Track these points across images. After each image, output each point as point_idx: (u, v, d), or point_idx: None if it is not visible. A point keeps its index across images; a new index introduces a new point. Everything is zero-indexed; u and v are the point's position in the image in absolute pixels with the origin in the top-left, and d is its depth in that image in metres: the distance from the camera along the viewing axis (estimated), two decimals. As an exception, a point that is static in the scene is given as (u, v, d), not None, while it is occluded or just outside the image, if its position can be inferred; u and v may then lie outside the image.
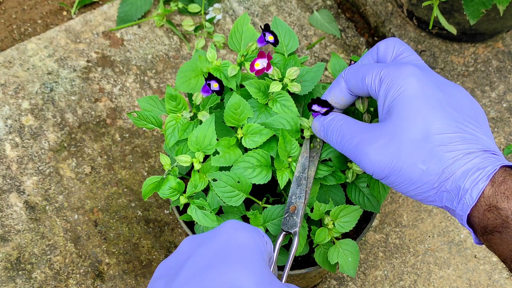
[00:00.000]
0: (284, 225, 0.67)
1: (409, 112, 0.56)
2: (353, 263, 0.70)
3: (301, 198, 0.68)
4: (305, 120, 0.69)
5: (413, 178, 0.56)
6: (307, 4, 1.16)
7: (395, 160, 0.56)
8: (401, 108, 0.56)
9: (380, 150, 0.57)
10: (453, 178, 0.55)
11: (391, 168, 0.56)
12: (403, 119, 0.56)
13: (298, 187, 0.68)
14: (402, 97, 0.56)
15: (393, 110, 0.57)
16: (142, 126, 0.72)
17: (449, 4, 0.98)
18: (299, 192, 0.68)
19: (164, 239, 0.96)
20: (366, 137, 0.58)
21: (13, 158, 1.00)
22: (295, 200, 0.68)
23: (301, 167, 0.69)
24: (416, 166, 0.55)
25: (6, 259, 0.93)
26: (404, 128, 0.56)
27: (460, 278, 0.95)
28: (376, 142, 0.57)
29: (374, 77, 0.59)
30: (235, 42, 0.73)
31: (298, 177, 0.68)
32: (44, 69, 1.07)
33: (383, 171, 0.57)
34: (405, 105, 0.56)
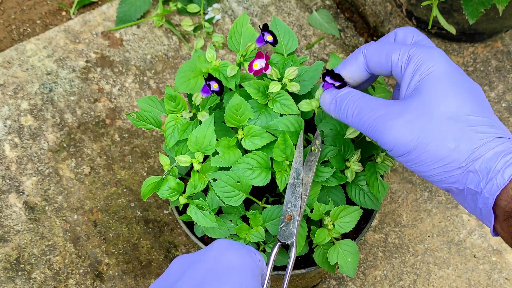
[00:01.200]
0: (280, 235, 0.65)
1: (440, 90, 0.56)
2: (352, 263, 0.70)
3: (297, 206, 0.65)
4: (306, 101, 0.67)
5: (440, 155, 0.55)
6: (306, 4, 1.16)
7: (422, 136, 0.55)
8: (432, 86, 0.56)
9: (406, 124, 0.55)
10: (483, 159, 0.54)
11: (416, 143, 0.55)
12: (433, 96, 0.55)
13: (293, 195, 0.66)
14: (434, 75, 0.56)
15: (422, 87, 0.56)
16: (141, 126, 0.72)
17: (448, 4, 0.98)
18: (294, 200, 0.66)
19: (163, 239, 0.96)
20: (389, 111, 0.57)
21: (13, 159, 1.00)
22: (290, 209, 0.65)
23: (295, 173, 0.66)
24: (445, 143, 0.54)
25: (5, 259, 0.93)
26: (435, 105, 0.55)
27: (460, 278, 0.95)
28: (402, 116, 0.56)
29: (402, 54, 0.58)
30: (234, 42, 0.73)
31: (292, 184, 0.66)
32: (43, 70, 1.07)
33: (406, 146, 0.56)
34: (437, 84, 0.56)
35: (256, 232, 0.69)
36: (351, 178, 0.70)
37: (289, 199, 0.66)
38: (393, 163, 0.72)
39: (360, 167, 0.70)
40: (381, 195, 0.72)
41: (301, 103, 0.68)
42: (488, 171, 0.54)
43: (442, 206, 1.00)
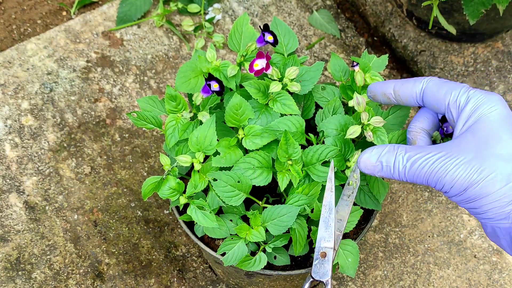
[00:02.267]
0: (315, 272, 0.65)
1: (497, 132, 0.58)
2: (353, 263, 0.70)
3: (331, 243, 0.65)
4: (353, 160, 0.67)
5: (494, 191, 0.57)
6: (306, 4, 1.16)
7: (478, 173, 0.57)
8: (489, 128, 0.58)
9: (463, 164, 0.57)
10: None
11: (472, 181, 0.57)
12: (490, 137, 0.58)
13: (326, 230, 0.65)
14: (491, 117, 0.58)
15: (478, 128, 0.59)
16: (141, 126, 0.72)
17: (448, 4, 0.98)
18: (327, 236, 0.65)
19: (164, 239, 0.96)
20: (444, 153, 0.58)
21: (13, 158, 1.00)
22: (324, 245, 0.65)
23: (328, 206, 0.65)
24: (499, 179, 0.56)
25: (5, 259, 0.93)
26: (492, 143, 0.57)
27: (460, 278, 0.95)
28: (459, 156, 0.58)
29: (462, 93, 0.60)
30: (235, 42, 0.73)
31: (325, 218, 0.65)
32: (44, 69, 1.07)
33: (462, 185, 0.57)
34: (494, 126, 0.58)
35: (256, 232, 0.69)
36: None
37: (322, 235, 0.65)
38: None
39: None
40: (381, 195, 0.72)
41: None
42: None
43: (443, 206, 1.00)
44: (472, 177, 0.57)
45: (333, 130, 0.70)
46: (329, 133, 0.70)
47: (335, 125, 0.70)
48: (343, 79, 0.74)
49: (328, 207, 0.66)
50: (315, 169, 0.69)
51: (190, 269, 0.95)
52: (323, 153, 0.69)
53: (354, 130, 0.67)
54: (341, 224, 0.67)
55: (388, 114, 0.72)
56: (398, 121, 0.72)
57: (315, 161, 0.69)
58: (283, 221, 0.68)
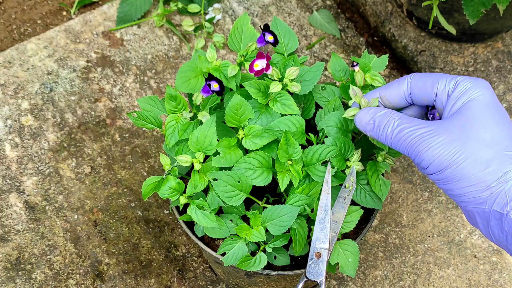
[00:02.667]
0: (309, 272, 0.66)
1: (482, 116, 0.59)
2: (353, 263, 0.70)
3: (326, 244, 0.66)
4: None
5: (471, 174, 0.57)
6: (306, 4, 1.16)
7: (457, 155, 0.57)
8: (475, 111, 0.59)
9: (445, 143, 0.58)
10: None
11: (450, 161, 0.58)
12: (475, 121, 0.58)
13: (322, 231, 0.66)
14: (477, 101, 0.59)
15: (465, 111, 0.59)
16: (142, 126, 0.72)
17: (448, 4, 0.98)
18: (323, 236, 0.66)
19: (164, 239, 0.96)
20: (430, 130, 0.59)
21: (13, 158, 1.00)
22: (319, 246, 0.66)
23: (324, 208, 0.66)
24: (478, 163, 0.57)
25: (6, 259, 0.93)
26: (475, 129, 0.58)
27: (460, 278, 0.95)
28: (442, 135, 0.59)
29: (450, 81, 0.61)
30: (235, 42, 0.73)
31: (321, 219, 0.66)
32: (44, 69, 1.07)
33: (441, 163, 0.58)
34: (479, 110, 0.59)
35: (256, 232, 0.69)
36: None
37: (317, 236, 0.66)
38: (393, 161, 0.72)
39: (361, 166, 0.70)
40: (383, 193, 0.72)
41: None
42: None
43: (443, 206, 1.00)
44: (451, 157, 0.57)
45: (333, 127, 0.70)
46: (329, 130, 0.70)
47: (334, 122, 0.70)
48: (343, 79, 0.74)
49: (324, 208, 0.67)
50: (315, 169, 0.69)
51: (190, 269, 0.95)
52: (323, 153, 0.69)
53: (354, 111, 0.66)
54: (336, 226, 0.68)
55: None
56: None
57: (315, 161, 0.69)
58: (283, 221, 0.68)
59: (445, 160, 0.58)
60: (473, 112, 0.59)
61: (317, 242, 0.66)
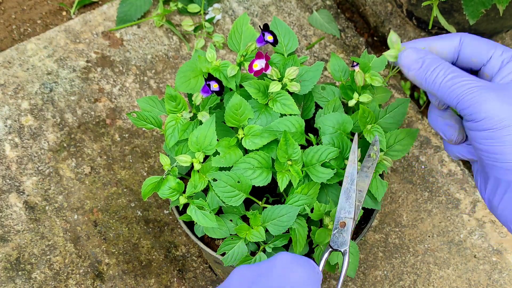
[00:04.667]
0: (333, 242, 0.65)
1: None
2: (352, 264, 0.70)
3: (351, 213, 0.65)
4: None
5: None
6: (306, 4, 1.16)
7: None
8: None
9: (503, 100, 0.55)
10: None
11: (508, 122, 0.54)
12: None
13: (347, 201, 0.65)
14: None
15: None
16: (141, 126, 0.72)
17: (448, 4, 0.98)
18: (348, 206, 0.65)
19: (163, 239, 0.96)
20: (487, 85, 0.56)
21: (13, 158, 1.00)
22: (344, 215, 0.65)
23: (349, 177, 0.65)
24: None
25: (5, 259, 0.93)
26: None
27: (460, 278, 0.95)
28: (501, 92, 0.55)
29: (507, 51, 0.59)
30: (235, 42, 0.73)
31: (346, 189, 0.65)
32: (44, 69, 1.07)
33: (496, 122, 0.54)
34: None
35: (256, 232, 0.69)
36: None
37: (342, 205, 0.65)
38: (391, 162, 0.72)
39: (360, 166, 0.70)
40: (379, 194, 0.72)
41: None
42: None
43: (442, 206, 1.00)
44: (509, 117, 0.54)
45: (329, 127, 0.70)
46: (325, 130, 0.70)
47: (332, 123, 0.70)
48: (343, 79, 0.74)
49: (350, 178, 0.65)
50: (315, 169, 0.69)
51: (190, 269, 0.95)
52: (323, 154, 0.69)
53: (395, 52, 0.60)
54: (361, 195, 0.67)
55: (386, 113, 0.72)
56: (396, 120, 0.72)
57: (315, 162, 0.69)
58: (283, 221, 0.68)
59: (503, 118, 0.54)
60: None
61: (342, 212, 0.65)
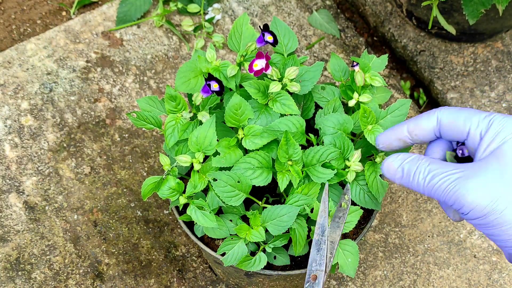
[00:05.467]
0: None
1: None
2: (353, 263, 0.70)
3: (322, 266, 0.64)
4: (353, 160, 0.66)
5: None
6: (306, 4, 1.16)
7: (500, 200, 0.55)
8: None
9: (484, 187, 0.56)
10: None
11: (493, 207, 0.55)
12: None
13: (318, 253, 0.64)
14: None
15: (501, 152, 0.57)
16: (141, 126, 0.72)
17: (448, 4, 0.98)
18: (319, 258, 0.64)
19: (163, 239, 0.96)
20: (465, 174, 0.57)
21: (13, 159, 1.00)
22: (315, 268, 0.64)
23: (320, 228, 0.65)
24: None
25: (5, 259, 0.93)
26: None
27: (460, 278, 0.95)
28: (481, 177, 0.56)
29: (483, 118, 0.59)
30: (235, 42, 0.73)
31: (317, 241, 0.65)
32: (44, 69, 1.07)
33: (483, 209, 0.56)
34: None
35: (256, 232, 0.69)
36: (351, 178, 0.70)
37: (314, 258, 0.64)
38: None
39: (360, 167, 0.70)
40: (380, 194, 0.72)
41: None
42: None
43: (442, 206, 1.00)
44: (493, 203, 0.55)
45: (330, 127, 0.70)
46: (325, 130, 0.70)
47: (333, 123, 0.70)
48: (343, 79, 0.74)
49: (320, 229, 0.65)
50: (315, 170, 0.69)
51: (190, 269, 0.95)
52: (324, 154, 0.69)
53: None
54: (332, 247, 0.66)
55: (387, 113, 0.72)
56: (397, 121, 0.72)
57: (315, 162, 0.69)
58: (283, 221, 0.68)
59: (486, 206, 0.55)
60: (509, 157, 0.56)
61: (313, 264, 0.64)
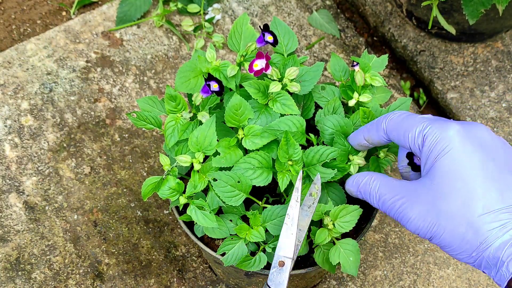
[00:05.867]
0: (270, 280, 0.64)
1: (450, 177, 0.56)
2: (354, 262, 0.70)
3: (290, 253, 0.65)
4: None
5: (453, 244, 0.56)
6: (306, 4, 1.16)
7: (436, 226, 0.57)
8: (442, 173, 0.56)
9: (421, 214, 0.57)
10: (491, 249, 0.55)
11: (433, 232, 0.57)
12: (443, 185, 0.56)
13: (287, 239, 0.65)
14: (444, 160, 0.56)
15: (434, 172, 0.57)
16: (141, 126, 0.72)
17: (448, 4, 0.98)
18: (287, 245, 0.65)
19: (163, 239, 0.96)
20: (406, 200, 0.59)
21: (13, 159, 1.00)
22: (283, 254, 0.65)
23: (291, 216, 0.65)
24: (456, 234, 0.56)
25: (5, 259, 0.93)
26: (445, 194, 0.56)
27: (460, 278, 0.95)
28: (417, 206, 0.58)
29: (417, 135, 0.59)
30: (235, 42, 0.73)
31: (288, 228, 0.65)
32: (44, 70, 1.07)
33: (425, 234, 0.58)
34: (446, 170, 0.56)
35: (256, 232, 0.69)
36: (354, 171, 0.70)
37: (282, 244, 0.65)
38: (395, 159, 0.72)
39: (363, 161, 0.69)
40: None
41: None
42: (496, 260, 0.54)
43: (442, 206, 1.00)
44: (430, 230, 0.57)
45: (329, 128, 0.70)
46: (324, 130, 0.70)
47: (332, 124, 0.70)
48: (343, 79, 0.74)
49: (291, 217, 0.65)
50: (316, 170, 0.69)
51: (190, 269, 0.95)
52: (324, 154, 0.69)
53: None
54: (300, 235, 0.67)
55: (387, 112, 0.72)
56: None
57: (315, 162, 0.69)
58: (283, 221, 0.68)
59: (427, 233, 0.57)
60: (440, 177, 0.56)
61: (281, 251, 0.65)
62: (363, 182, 0.64)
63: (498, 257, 0.54)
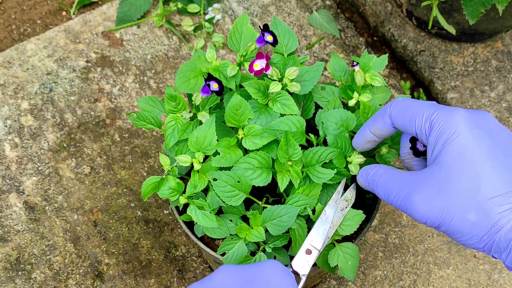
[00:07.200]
0: (296, 263, 0.66)
1: (459, 162, 0.56)
2: (352, 266, 0.70)
3: (318, 246, 0.67)
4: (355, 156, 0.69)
5: (463, 229, 0.56)
6: (306, 4, 1.16)
7: (445, 212, 0.56)
8: (451, 158, 0.56)
9: (428, 201, 0.57)
10: (502, 232, 0.55)
11: (441, 219, 0.57)
12: (452, 169, 0.56)
13: (317, 233, 0.67)
14: (453, 145, 0.56)
15: (442, 158, 0.57)
16: (141, 126, 0.72)
17: (448, 4, 0.98)
18: (318, 238, 0.67)
19: (163, 239, 0.96)
20: (412, 189, 0.58)
21: (13, 159, 1.00)
22: (312, 244, 0.67)
23: (327, 215, 0.68)
24: (466, 218, 0.55)
25: (5, 259, 0.93)
26: (454, 179, 0.56)
27: (460, 278, 0.95)
28: (424, 193, 0.57)
29: (425, 121, 0.58)
30: (235, 42, 0.73)
31: (321, 223, 0.68)
32: (44, 70, 1.07)
33: (433, 222, 0.57)
34: (455, 155, 0.56)
35: (256, 232, 0.69)
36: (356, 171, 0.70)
37: (313, 237, 0.67)
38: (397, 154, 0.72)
39: (362, 158, 0.69)
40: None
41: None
42: (507, 243, 0.54)
43: (442, 206, 1.00)
44: (439, 217, 0.56)
45: (332, 123, 0.70)
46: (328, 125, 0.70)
47: (335, 119, 0.70)
48: (343, 79, 0.74)
49: (327, 214, 0.68)
50: (315, 170, 0.69)
51: (190, 269, 0.95)
52: (323, 154, 0.69)
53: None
54: (330, 231, 0.69)
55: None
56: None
57: (315, 163, 0.69)
58: (283, 221, 0.68)
59: (436, 219, 0.57)
60: (449, 161, 0.56)
61: (310, 240, 0.67)
62: (371, 174, 0.64)
63: (510, 239, 0.54)
